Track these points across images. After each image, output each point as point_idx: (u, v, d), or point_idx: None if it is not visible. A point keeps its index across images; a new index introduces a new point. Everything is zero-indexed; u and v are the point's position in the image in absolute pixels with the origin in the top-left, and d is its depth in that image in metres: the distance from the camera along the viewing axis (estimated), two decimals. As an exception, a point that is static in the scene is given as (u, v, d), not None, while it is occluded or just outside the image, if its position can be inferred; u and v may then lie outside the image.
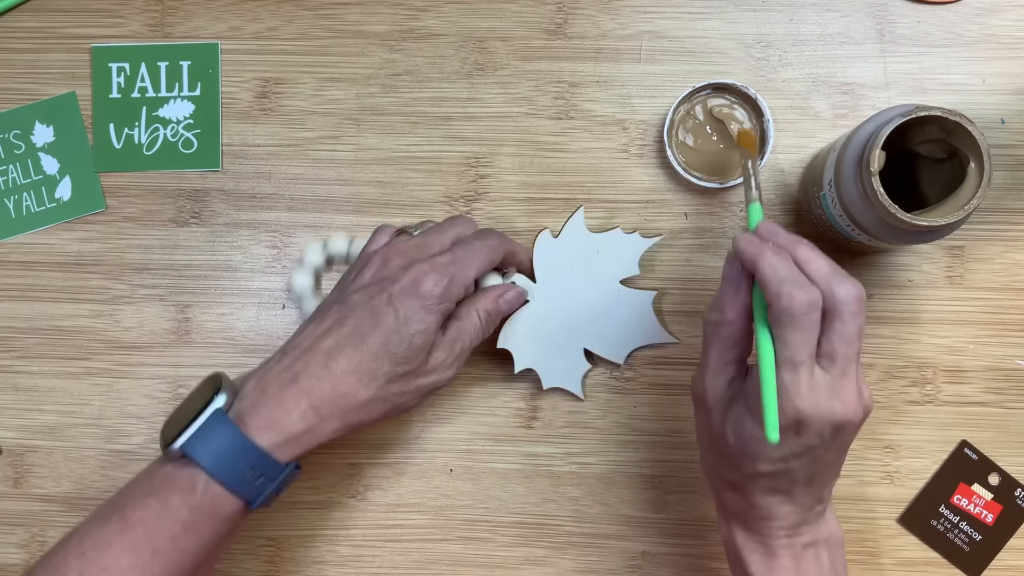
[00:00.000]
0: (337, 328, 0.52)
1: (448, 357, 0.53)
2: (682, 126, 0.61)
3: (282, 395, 0.50)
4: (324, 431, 0.51)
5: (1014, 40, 0.61)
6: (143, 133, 0.64)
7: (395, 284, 0.52)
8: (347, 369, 0.51)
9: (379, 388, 0.51)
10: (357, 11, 0.63)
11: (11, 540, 0.64)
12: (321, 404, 0.50)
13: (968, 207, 0.49)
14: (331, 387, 0.51)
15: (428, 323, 0.52)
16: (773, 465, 0.46)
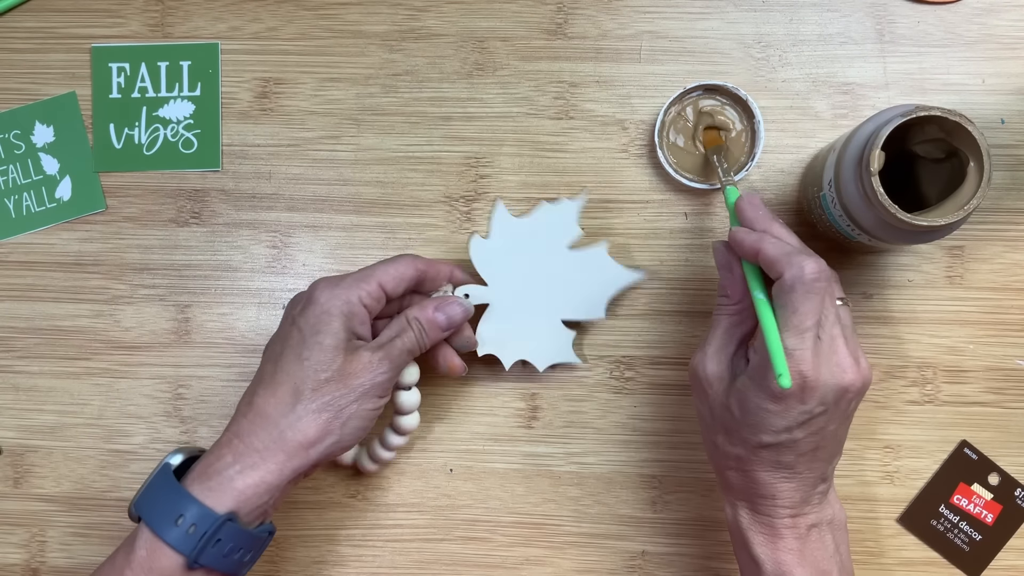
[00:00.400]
0: (259, 370, 0.53)
1: (376, 356, 0.52)
2: (673, 127, 0.61)
3: (217, 444, 0.50)
4: (269, 468, 0.49)
5: (1014, 40, 0.61)
6: (143, 133, 0.64)
7: (296, 307, 0.53)
8: (267, 395, 0.50)
9: (309, 400, 0.50)
10: (357, 11, 0.63)
11: (11, 540, 0.64)
12: (253, 439, 0.49)
13: (968, 207, 0.49)
14: (259, 417, 0.50)
15: (332, 324, 0.51)
16: (777, 436, 0.47)
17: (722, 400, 0.49)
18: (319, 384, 0.50)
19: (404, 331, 0.54)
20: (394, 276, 0.54)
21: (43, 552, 0.64)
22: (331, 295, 0.52)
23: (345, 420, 0.51)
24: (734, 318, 0.51)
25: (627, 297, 0.62)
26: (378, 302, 0.53)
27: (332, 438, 0.51)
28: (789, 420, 0.46)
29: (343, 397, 0.51)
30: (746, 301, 0.50)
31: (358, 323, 0.52)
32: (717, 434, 0.50)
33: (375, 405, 0.52)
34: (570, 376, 0.62)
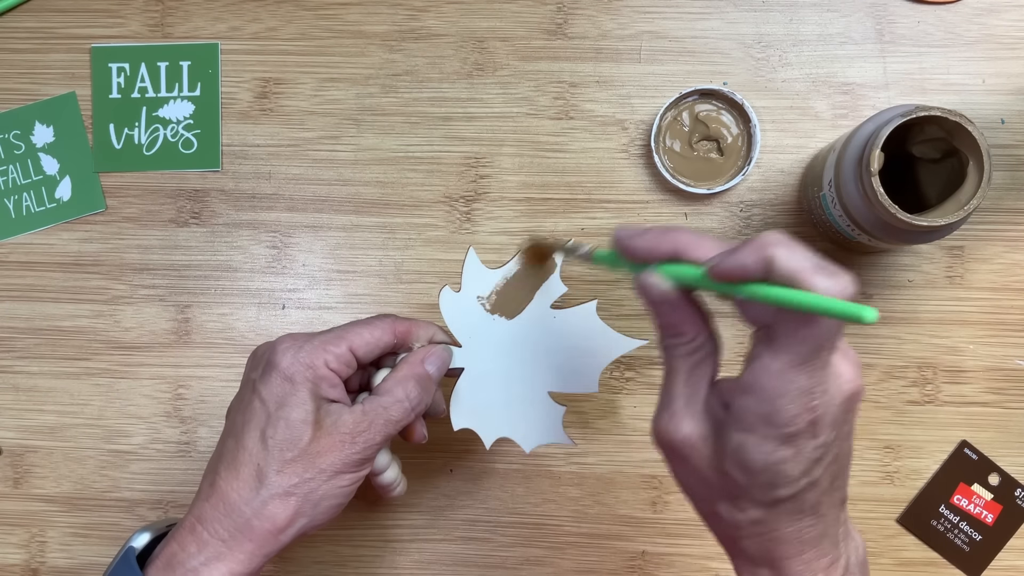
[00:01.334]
0: (221, 440, 0.48)
1: (360, 425, 0.47)
2: (669, 132, 0.61)
3: (180, 528, 0.46)
4: (237, 559, 0.45)
5: (1014, 40, 0.61)
6: (143, 133, 0.64)
7: (256, 370, 0.48)
8: (229, 477, 0.46)
9: (274, 485, 0.46)
10: (357, 11, 0.63)
11: (11, 540, 0.64)
12: (217, 527, 0.46)
13: (968, 207, 0.49)
14: (221, 502, 0.46)
15: (298, 394, 0.46)
16: (795, 485, 0.39)
17: (714, 464, 0.40)
18: (284, 465, 0.46)
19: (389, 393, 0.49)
20: (368, 341, 0.49)
21: (43, 552, 0.64)
22: (294, 359, 0.47)
23: (316, 502, 0.47)
24: (694, 357, 0.40)
25: (627, 298, 0.62)
26: (348, 367, 0.48)
27: (303, 520, 0.47)
28: (805, 462, 0.38)
29: (313, 479, 0.46)
30: (704, 331, 0.40)
31: (327, 387, 0.47)
32: (717, 504, 0.41)
33: (350, 481, 0.47)
34: (570, 376, 0.62)
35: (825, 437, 0.38)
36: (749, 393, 0.37)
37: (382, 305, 0.63)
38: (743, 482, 0.39)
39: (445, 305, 0.53)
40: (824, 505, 0.40)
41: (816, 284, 0.34)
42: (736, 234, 0.61)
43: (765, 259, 0.36)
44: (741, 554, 0.42)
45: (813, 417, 0.37)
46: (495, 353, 0.53)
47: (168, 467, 0.63)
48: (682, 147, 0.61)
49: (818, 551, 0.40)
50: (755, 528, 0.40)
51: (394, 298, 0.63)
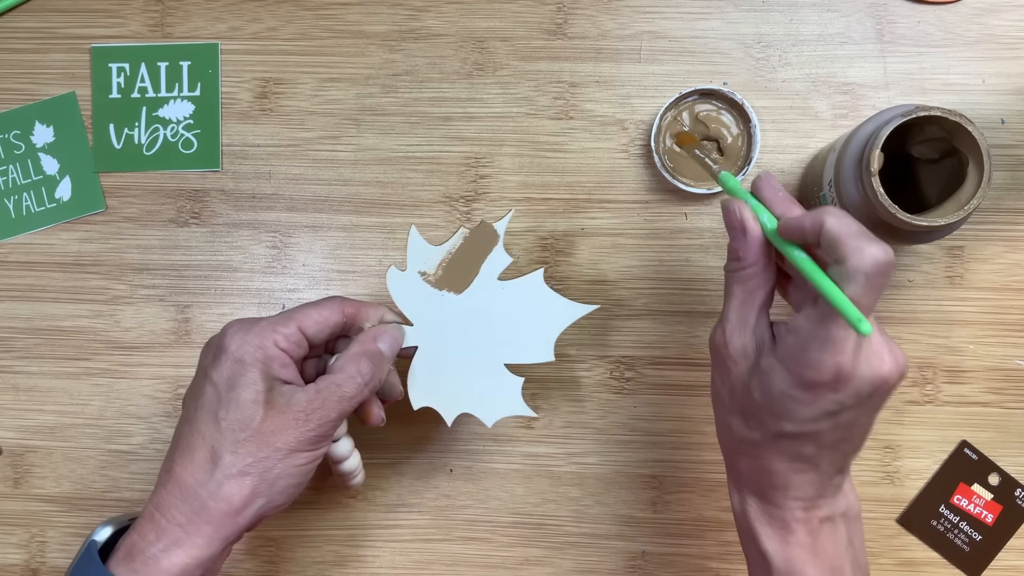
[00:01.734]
0: (176, 430, 0.49)
1: (304, 409, 0.47)
2: (669, 132, 0.61)
3: (140, 518, 0.47)
4: (195, 543, 0.45)
5: (1014, 40, 0.61)
6: (143, 133, 0.64)
7: (207, 356, 0.49)
8: (184, 461, 0.46)
9: (229, 465, 0.46)
10: (357, 11, 0.63)
11: (11, 540, 0.64)
12: (174, 512, 0.46)
13: (968, 207, 0.49)
14: (177, 487, 0.46)
15: (248, 375, 0.47)
16: (801, 426, 0.43)
17: (744, 380, 0.45)
18: (238, 445, 0.46)
19: (342, 372, 0.49)
20: (316, 320, 0.50)
21: (43, 552, 0.64)
22: (243, 341, 0.47)
23: (272, 481, 0.47)
24: (749, 283, 0.45)
25: (627, 298, 0.62)
26: (298, 346, 0.49)
27: (260, 500, 0.47)
28: (816, 410, 0.42)
29: (267, 458, 0.46)
30: (761, 263, 0.44)
31: (278, 367, 0.48)
32: (732, 415, 0.46)
33: (306, 460, 0.48)
34: (570, 376, 0.62)
35: (844, 397, 0.42)
36: (792, 333, 0.42)
37: (382, 305, 0.63)
38: (759, 401, 0.44)
39: (393, 284, 0.53)
40: (823, 460, 0.44)
41: (853, 245, 0.40)
42: (736, 234, 0.61)
43: (820, 222, 0.41)
44: (735, 470, 0.47)
45: (838, 372, 0.41)
46: (447, 329, 0.53)
47: (168, 467, 0.63)
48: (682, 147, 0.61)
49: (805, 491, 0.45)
50: (753, 449, 0.45)
51: (394, 298, 0.63)
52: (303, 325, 0.49)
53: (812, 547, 0.45)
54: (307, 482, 0.49)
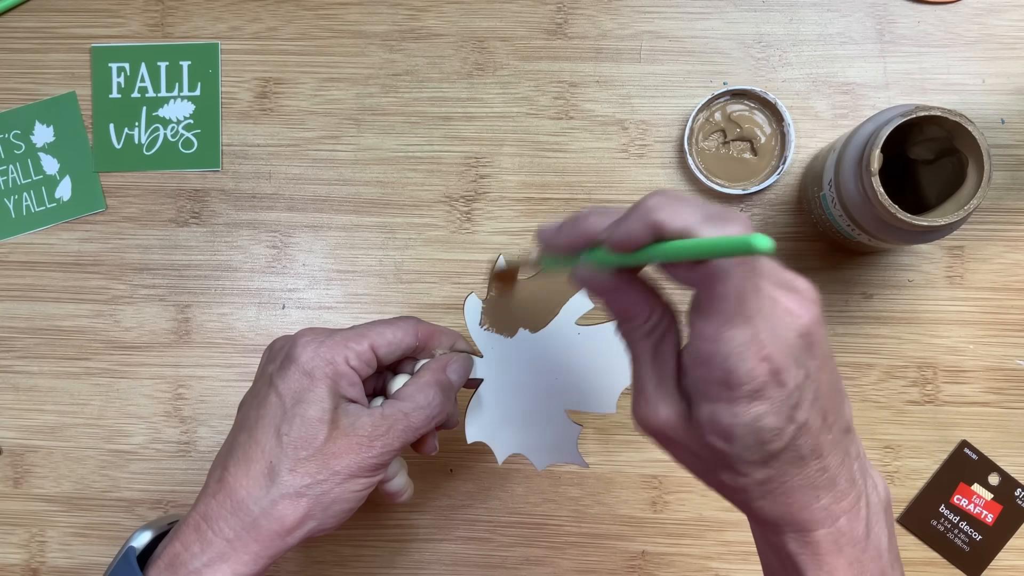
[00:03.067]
0: (231, 434, 0.47)
1: (378, 429, 0.46)
2: (701, 133, 0.61)
3: (184, 525, 0.45)
4: (242, 560, 0.44)
5: (1014, 40, 0.61)
6: (143, 133, 0.64)
7: (274, 363, 0.47)
8: (239, 473, 0.45)
9: (286, 484, 0.44)
10: (357, 11, 0.63)
11: (11, 540, 0.64)
12: (222, 525, 0.44)
13: (968, 207, 0.49)
14: (229, 499, 0.44)
15: (316, 391, 0.45)
16: (783, 436, 0.37)
17: (699, 441, 0.38)
18: (297, 464, 0.44)
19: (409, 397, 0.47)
20: (390, 341, 0.48)
21: (43, 552, 0.64)
22: (314, 354, 0.46)
23: (328, 505, 0.45)
24: (652, 338, 0.39)
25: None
26: (368, 366, 0.47)
27: (312, 523, 0.45)
28: (784, 410, 0.36)
29: (326, 481, 0.45)
30: (658, 307, 0.38)
31: (346, 385, 0.46)
32: (719, 474, 0.39)
33: (363, 486, 0.46)
34: (570, 376, 0.62)
35: (794, 380, 0.36)
36: (698, 364, 0.36)
37: (382, 305, 0.63)
38: (727, 448, 0.37)
39: (470, 313, 0.52)
40: (825, 445, 0.38)
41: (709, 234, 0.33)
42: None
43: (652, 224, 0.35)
44: (761, 520, 0.40)
45: (771, 366, 0.35)
46: (516, 366, 0.52)
47: (168, 467, 0.63)
48: (716, 147, 0.61)
49: (835, 493, 0.39)
50: (763, 487, 0.39)
51: (394, 298, 0.63)
52: (376, 344, 0.47)
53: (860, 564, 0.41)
54: (358, 506, 0.47)
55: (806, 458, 0.38)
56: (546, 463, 0.54)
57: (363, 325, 0.48)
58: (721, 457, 0.38)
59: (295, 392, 0.45)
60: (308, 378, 0.45)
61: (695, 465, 0.40)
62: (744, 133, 0.60)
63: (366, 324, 0.48)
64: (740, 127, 0.60)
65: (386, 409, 0.46)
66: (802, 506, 0.39)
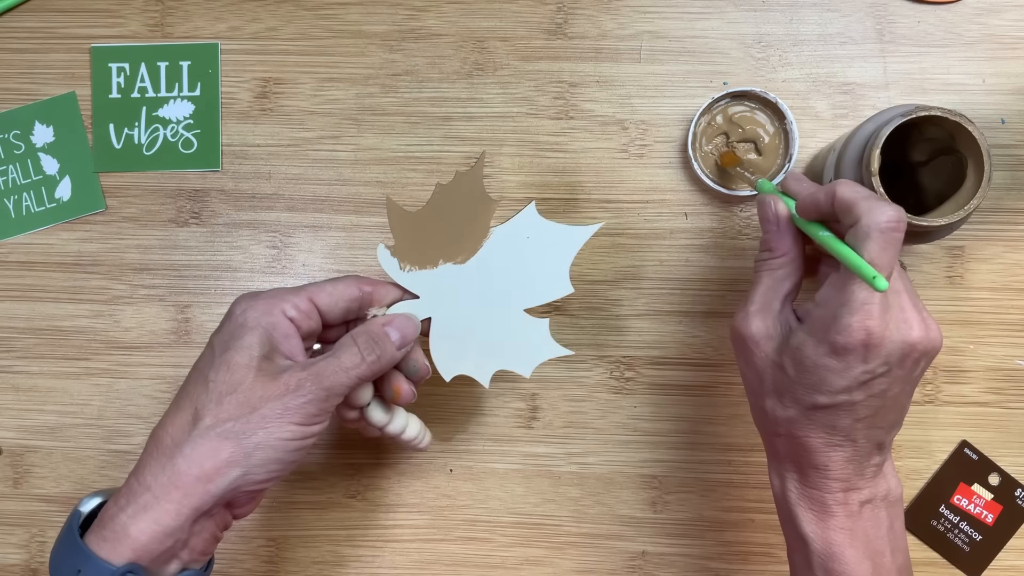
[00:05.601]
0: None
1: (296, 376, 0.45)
2: (704, 137, 0.61)
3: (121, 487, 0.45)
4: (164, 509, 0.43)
5: (1014, 40, 0.61)
6: (143, 133, 0.64)
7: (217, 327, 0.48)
8: (167, 423, 0.45)
9: (208, 427, 0.44)
10: (357, 11, 0.63)
11: (11, 540, 0.64)
12: (146, 475, 0.44)
13: (968, 207, 0.49)
14: (156, 448, 0.44)
15: (245, 338, 0.45)
16: (834, 396, 0.43)
17: (773, 359, 0.45)
18: (220, 407, 0.44)
19: (342, 348, 0.47)
20: (330, 292, 0.48)
21: (43, 552, 0.64)
22: (248, 306, 0.47)
23: (250, 451, 0.44)
24: (778, 273, 0.47)
25: (627, 297, 0.62)
26: (308, 317, 0.47)
27: (236, 471, 0.44)
28: (849, 379, 0.43)
29: (248, 423, 0.44)
30: (792, 254, 0.47)
31: (280, 336, 0.46)
32: (766, 397, 0.46)
33: (292, 435, 0.45)
34: (570, 376, 0.62)
35: (875, 365, 0.42)
36: (818, 304, 0.44)
37: (382, 305, 0.63)
38: (793, 376, 0.44)
39: (386, 262, 0.51)
40: (859, 434, 0.44)
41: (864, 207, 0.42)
42: (736, 233, 0.61)
43: (832, 191, 0.43)
44: (774, 451, 0.47)
45: (866, 338, 0.42)
46: (456, 292, 0.51)
47: (168, 467, 0.63)
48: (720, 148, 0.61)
49: (845, 471, 0.45)
50: (790, 427, 0.45)
51: (394, 298, 0.62)
52: (315, 296, 0.48)
53: (852, 530, 0.45)
54: (292, 463, 0.46)
55: (837, 430, 0.44)
56: (531, 367, 0.53)
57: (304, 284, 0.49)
58: (779, 383, 0.45)
59: (225, 341, 0.46)
60: (240, 328, 0.46)
61: (753, 381, 0.47)
62: (747, 134, 0.60)
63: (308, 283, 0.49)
64: (742, 128, 0.60)
65: (317, 358, 0.47)
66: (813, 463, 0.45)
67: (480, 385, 0.53)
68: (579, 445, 0.62)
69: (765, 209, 0.47)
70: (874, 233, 0.41)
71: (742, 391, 0.61)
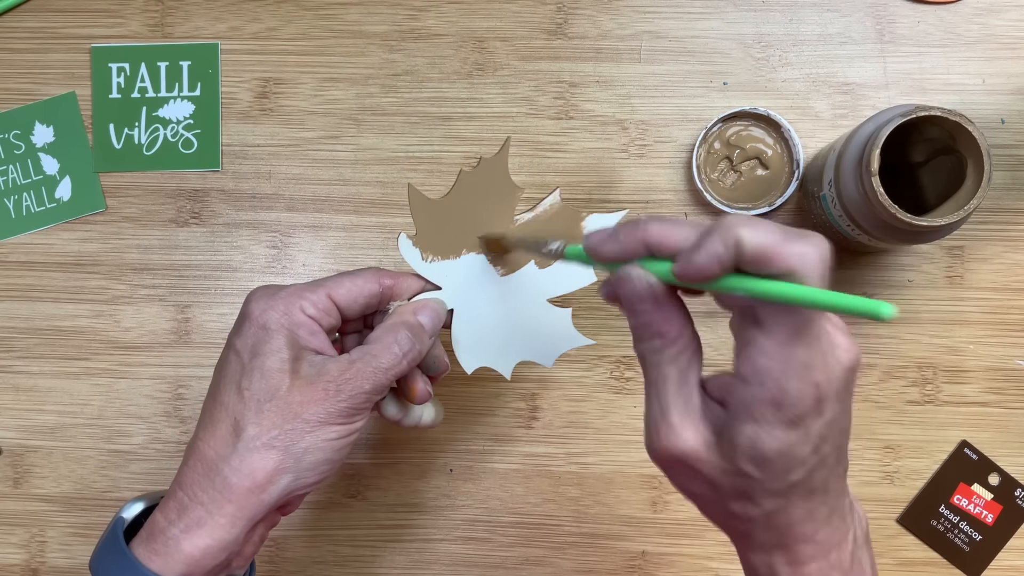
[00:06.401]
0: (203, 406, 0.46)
1: (335, 381, 0.44)
2: (707, 166, 0.61)
3: (166, 497, 0.44)
4: (218, 523, 0.43)
5: (1014, 40, 0.61)
6: (143, 133, 0.64)
7: (233, 328, 0.46)
8: (206, 435, 0.44)
9: (253, 437, 0.43)
10: (357, 11, 0.63)
11: (11, 540, 0.64)
12: (196, 489, 0.43)
13: (968, 207, 0.49)
14: (199, 462, 0.44)
15: (273, 341, 0.44)
16: (806, 467, 0.37)
17: (724, 467, 0.37)
18: (261, 417, 0.43)
19: (379, 345, 0.45)
20: (349, 288, 0.46)
21: (43, 552, 0.64)
22: (267, 306, 0.45)
23: (299, 455, 0.43)
24: (681, 360, 0.38)
25: (627, 297, 0.62)
26: (327, 314, 0.46)
27: (287, 477, 0.43)
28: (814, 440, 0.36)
29: (294, 430, 0.43)
30: (687, 332, 0.38)
31: (306, 334, 0.45)
32: (730, 503, 0.39)
33: (338, 434, 0.44)
34: (570, 376, 0.62)
35: (831, 413, 0.36)
36: (751, 382, 0.35)
37: (382, 305, 0.63)
38: (757, 476, 0.37)
39: (407, 252, 0.50)
40: (831, 481, 0.39)
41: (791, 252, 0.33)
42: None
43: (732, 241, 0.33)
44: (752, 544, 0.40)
45: (818, 394, 0.35)
46: (478, 282, 0.50)
47: (168, 467, 0.63)
48: (720, 174, 0.61)
49: (829, 529, 0.39)
50: (769, 519, 0.39)
51: (394, 298, 0.62)
52: (333, 292, 0.46)
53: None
54: (341, 459, 0.45)
55: (815, 492, 0.38)
56: (552, 357, 0.52)
57: (322, 278, 0.47)
58: (742, 485, 0.37)
59: (251, 346, 0.44)
60: (263, 330, 0.44)
61: (707, 495, 0.39)
62: (749, 153, 0.60)
63: (326, 277, 0.48)
64: (743, 148, 0.60)
65: (353, 354, 0.45)
66: (799, 538, 0.39)
67: (480, 384, 0.53)
68: (579, 445, 0.62)
69: (631, 286, 0.37)
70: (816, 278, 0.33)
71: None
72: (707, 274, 0.34)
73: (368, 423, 0.63)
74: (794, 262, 0.33)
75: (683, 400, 0.37)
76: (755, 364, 0.35)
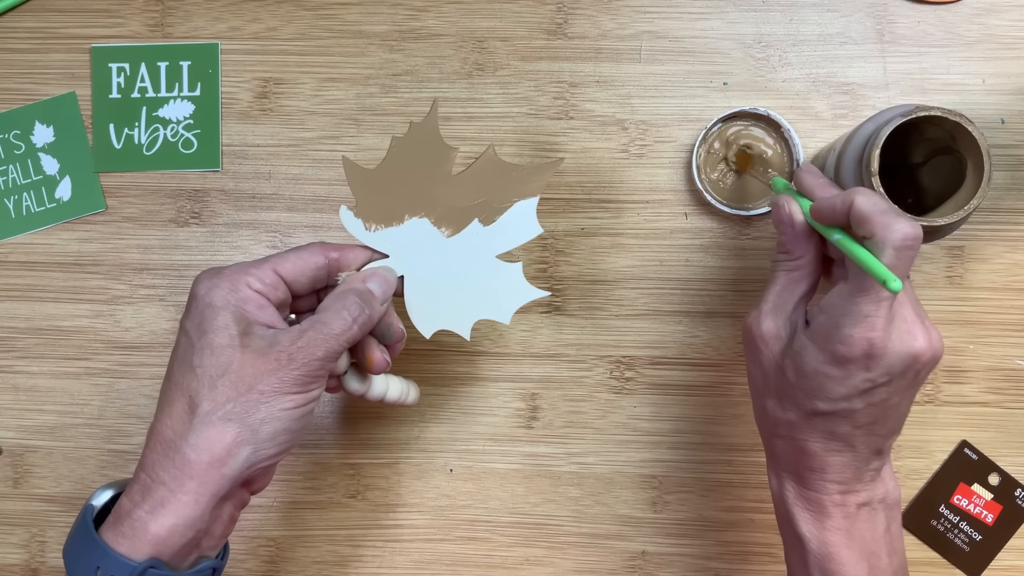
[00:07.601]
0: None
1: (287, 350, 0.44)
2: (707, 165, 0.61)
3: (132, 481, 0.45)
4: (182, 501, 0.43)
5: (1014, 40, 0.61)
6: (143, 133, 0.64)
7: (184, 311, 0.47)
8: (163, 416, 0.44)
9: (208, 412, 0.43)
10: (357, 11, 0.63)
11: (11, 540, 0.64)
12: (157, 469, 0.43)
13: (968, 207, 0.49)
14: (159, 443, 0.44)
15: (219, 318, 0.44)
16: (834, 404, 0.44)
17: (777, 361, 0.46)
18: (215, 390, 0.43)
19: (329, 313, 0.46)
20: (295, 263, 0.47)
21: (43, 552, 0.64)
22: (211, 285, 0.46)
23: (257, 426, 0.44)
24: (794, 274, 0.47)
25: (627, 297, 0.62)
26: (274, 289, 0.47)
27: (246, 449, 0.44)
28: (849, 388, 0.43)
29: (249, 401, 0.43)
30: (807, 256, 0.47)
31: (254, 308, 0.46)
32: (767, 398, 0.47)
33: (294, 403, 0.44)
34: (570, 376, 0.62)
35: (877, 374, 0.42)
36: (822, 311, 0.44)
37: (382, 305, 0.62)
38: (793, 380, 0.44)
39: (349, 223, 0.50)
40: (858, 440, 0.45)
41: (879, 221, 0.41)
42: (736, 234, 0.61)
43: (849, 201, 0.43)
44: (773, 453, 0.48)
45: (869, 347, 0.42)
46: (424, 246, 0.51)
47: (168, 467, 0.63)
48: (719, 174, 0.61)
49: (839, 476, 0.45)
50: (789, 430, 0.46)
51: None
52: (279, 267, 0.47)
53: (848, 531, 0.45)
54: (300, 430, 0.46)
55: (835, 438, 0.45)
56: (509, 313, 0.52)
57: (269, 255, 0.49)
58: (781, 385, 0.45)
59: (199, 325, 0.45)
60: (209, 308, 0.45)
61: (758, 379, 0.48)
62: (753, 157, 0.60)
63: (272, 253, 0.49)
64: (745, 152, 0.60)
65: (303, 324, 0.46)
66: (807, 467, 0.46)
67: (480, 384, 0.53)
68: (579, 445, 0.62)
69: (779, 211, 0.47)
70: (888, 250, 0.41)
71: (743, 391, 0.61)
72: (825, 217, 0.45)
73: (368, 423, 0.63)
74: (877, 230, 0.41)
75: (779, 301, 0.47)
76: (831, 299, 0.43)
